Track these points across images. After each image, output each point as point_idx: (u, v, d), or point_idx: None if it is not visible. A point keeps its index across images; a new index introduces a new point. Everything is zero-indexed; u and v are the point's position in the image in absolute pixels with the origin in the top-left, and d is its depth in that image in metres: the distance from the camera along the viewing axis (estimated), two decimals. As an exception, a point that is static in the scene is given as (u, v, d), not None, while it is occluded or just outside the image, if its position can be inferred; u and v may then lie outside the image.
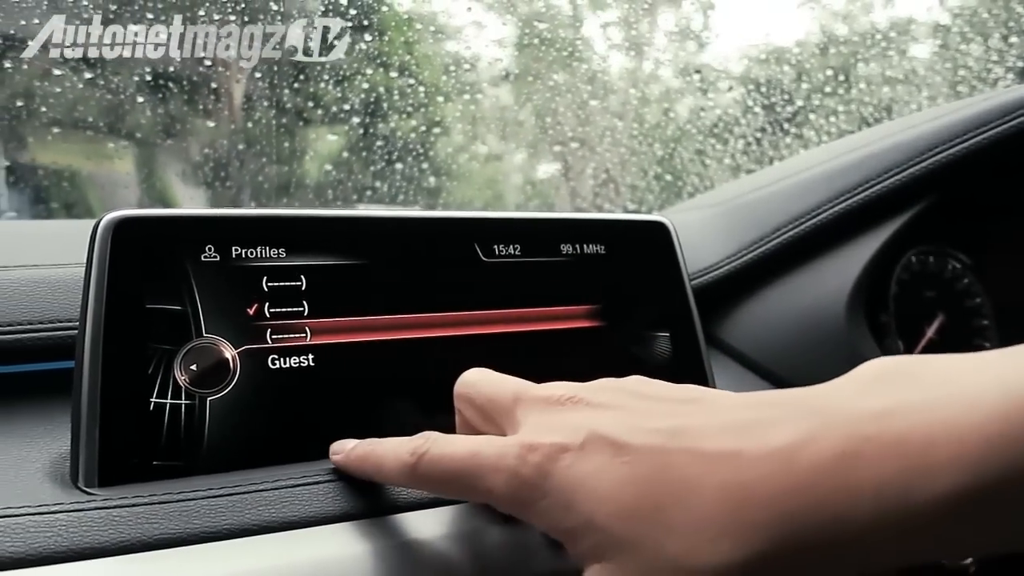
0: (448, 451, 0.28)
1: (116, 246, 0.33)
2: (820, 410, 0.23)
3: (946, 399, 0.21)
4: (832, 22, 1.53)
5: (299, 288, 0.36)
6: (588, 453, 0.25)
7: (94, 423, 0.31)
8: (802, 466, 0.22)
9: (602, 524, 0.24)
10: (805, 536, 0.21)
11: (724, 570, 0.22)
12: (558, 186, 1.39)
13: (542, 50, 1.38)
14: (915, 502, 0.20)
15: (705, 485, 0.23)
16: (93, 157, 1.23)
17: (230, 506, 0.31)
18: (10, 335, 0.37)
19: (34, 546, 0.28)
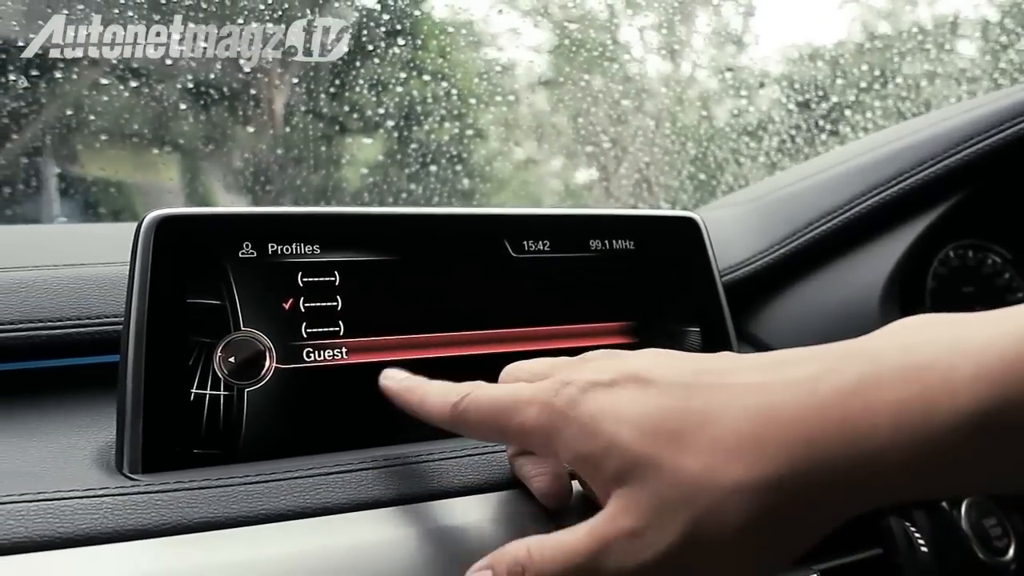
0: (490, 392, 0.29)
1: (159, 243, 0.35)
2: (846, 350, 0.24)
3: (967, 336, 0.21)
4: (875, 20, 1.51)
5: (333, 283, 0.37)
6: (617, 387, 0.26)
7: (138, 413, 0.33)
8: (824, 391, 0.22)
9: (625, 446, 0.24)
10: (824, 459, 0.22)
11: (740, 488, 0.22)
12: (591, 187, 1.39)
13: (578, 53, 1.38)
14: (934, 423, 0.21)
15: (728, 408, 0.24)
16: (139, 165, 1.27)
17: (266, 492, 0.32)
18: (59, 330, 0.38)
19: (82, 527, 0.29)
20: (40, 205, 1.19)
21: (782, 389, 0.23)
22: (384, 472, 0.34)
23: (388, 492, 0.33)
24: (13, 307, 0.38)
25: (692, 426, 0.24)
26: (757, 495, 0.22)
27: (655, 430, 0.24)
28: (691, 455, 0.23)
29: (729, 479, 0.23)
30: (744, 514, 0.22)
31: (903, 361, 0.22)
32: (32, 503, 0.29)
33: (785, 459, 0.22)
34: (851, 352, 0.23)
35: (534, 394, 0.27)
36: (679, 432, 0.24)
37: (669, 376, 0.25)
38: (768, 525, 0.23)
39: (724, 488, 0.23)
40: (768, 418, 0.23)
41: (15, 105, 1.03)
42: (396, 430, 0.37)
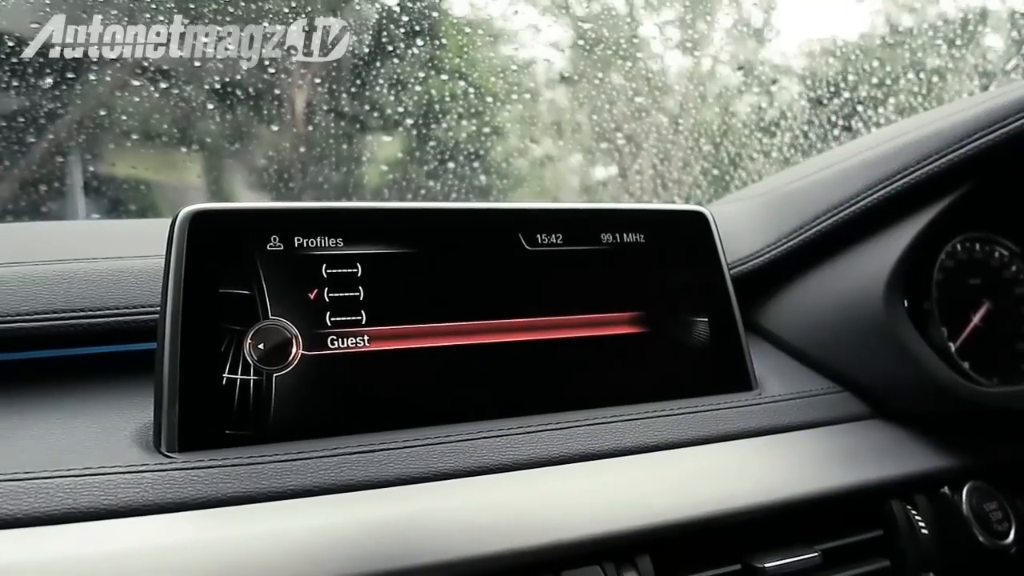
0: None
1: (192, 237, 0.37)
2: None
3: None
4: (897, 13, 1.50)
5: (355, 274, 0.39)
6: None
7: (174, 396, 0.35)
8: None
9: None
10: None
11: None
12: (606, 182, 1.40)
13: (594, 51, 1.39)
14: None
15: None
16: (165, 164, 1.29)
17: (293, 470, 0.34)
18: (99, 319, 0.41)
19: (124, 500, 0.31)
20: (68, 203, 1.22)
21: None
22: (403, 452, 0.36)
23: (407, 470, 0.35)
24: (57, 297, 0.40)
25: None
26: None
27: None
28: None
29: None
30: None
31: None
32: (80, 477, 0.32)
33: None
34: None
35: None
36: None
37: None
38: None
39: None
40: None
41: (45, 105, 1.05)
42: (414, 413, 0.39)
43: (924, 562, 0.42)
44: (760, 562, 0.38)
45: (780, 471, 0.42)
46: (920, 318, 0.51)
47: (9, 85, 0.98)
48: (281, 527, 0.32)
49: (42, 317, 0.40)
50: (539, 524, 0.34)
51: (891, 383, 0.48)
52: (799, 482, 0.41)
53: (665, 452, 0.41)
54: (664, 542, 0.36)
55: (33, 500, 0.30)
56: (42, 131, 1.09)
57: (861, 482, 0.42)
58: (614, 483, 0.38)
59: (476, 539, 0.33)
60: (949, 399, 0.46)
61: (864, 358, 0.49)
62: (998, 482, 0.47)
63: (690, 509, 0.37)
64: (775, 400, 0.47)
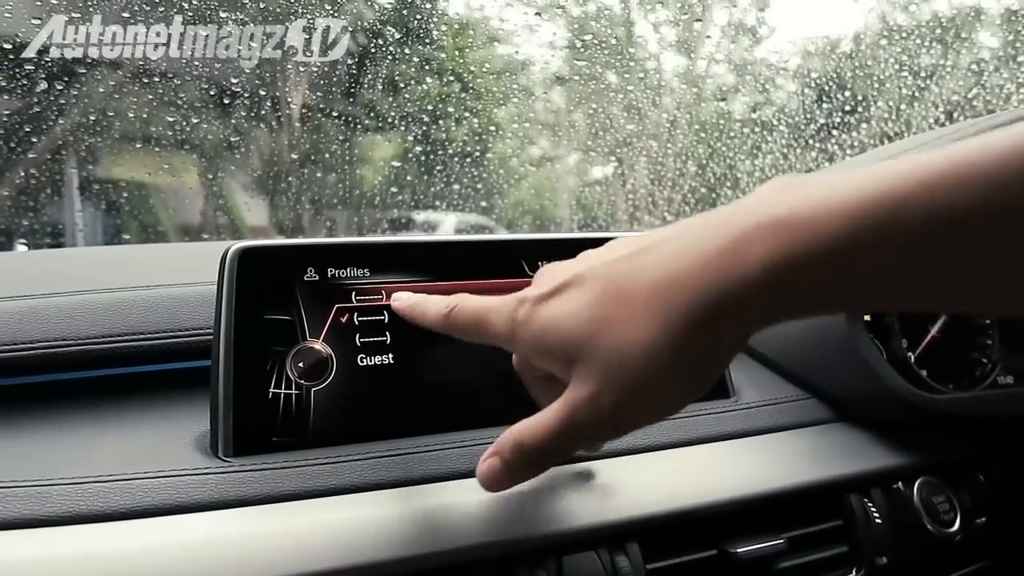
0: (471, 304, 0.38)
1: (241, 270, 0.42)
2: (723, 216, 0.30)
3: (819, 196, 0.27)
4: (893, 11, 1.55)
5: (381, 300, 0.45)
6: (559, 293, 0.34)
7: (228, 408, 0.41)
8: (707, 254, 0.29)
9: (570, 335, 0.32)
10: (714, 305, 0.29)
11: (656, 343, 0.30)
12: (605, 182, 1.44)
13: (590, 51, 1.42)
14: (795, 262, 0.27)
15: (640, 284, 0.31)
16: (160, 170, 1.33)
17: (333, 471, 0.40)
18: (155, 341, 0.47)
19: (193, 497, 0.37)
20: (63, 207, 1.26)
21: (677, 257, 0.30)
22: (426, 455, 0.42)
23: (430, 471, 0.41)
24: (118, 322, 0.46)
25: (614, 306, 0.31)
26: (670, 345, 0.29)
27: (589, 317, 0.32)
28: (617, 327, 0.31)
29: (646, 339, 0.30)
30: (665, 361, 0.30)
31: (767, 218, 0.28)
32: (155, 479, 0.38)
33: (685, 313, 0.29)
34: (726, 218, 0.30)
35: (501, 307, 0.36)
36: (606, 314, 0.31)
37: (596, 271, 0.33)
38: (685, 363, 0.30)
39: (645, 346, 0.30)
40: (667, 284, 0.30)
41: (41, 108, 1.07)
42: (439, 421, 0.45)
43: (878, 548, 0.48)
44: (733, 547, 0.43)
45: (753, 469, 0.48)
46: (883, 331, 0.57)
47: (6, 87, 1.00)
48: (325, 520, 0.37)
49: (107, 340, 0.45)
50: (543, 515, 0.40)
51: (853, 391, 0.54)
52: (769, 479, 0.47)
53: (652, 453, 0.47)
54: (651, 531, 0.42)
55: (119, 498, 0.36)
56: (38, 134, 1.11)
57: (824, 478, 0.48)
58: (607, 480, 0.43)
59: (491, 528, 0.39)
60: (903, 406, 0.52)
61: (829, 369, 0.55)
62: (946, 477, 0.53)
63: (674, 502, 0.43)
64: (750, 406, 0.53)
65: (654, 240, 0.32)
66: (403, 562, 0.36)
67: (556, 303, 0.33)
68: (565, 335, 0.32)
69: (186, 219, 1.45)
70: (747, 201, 0.30)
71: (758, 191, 0.30)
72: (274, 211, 1.51)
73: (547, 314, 0.33)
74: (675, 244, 0.31)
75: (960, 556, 0.52)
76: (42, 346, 0.44)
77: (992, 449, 0.56)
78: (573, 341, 0.32)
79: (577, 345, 0.32)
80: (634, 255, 0.32)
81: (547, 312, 0.34)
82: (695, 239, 0.30)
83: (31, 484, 0.36)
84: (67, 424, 0.43)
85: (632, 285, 0.31)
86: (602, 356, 0.31)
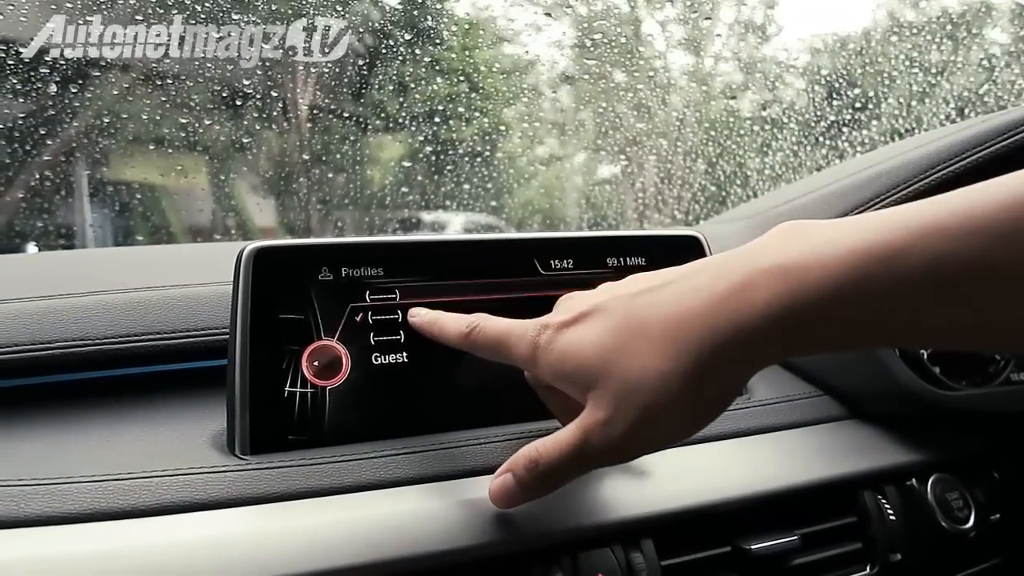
0: (494, 325, 0.39)
1: (256, 270, 0.43)
2: (733, 259, 0.32)
3: (821, 242, 0.29)
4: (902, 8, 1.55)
5: (394, 300, 0.45)
6: (579, 321, 0.35)
7: (245, 407, 0.41)
8: (719, 294, 0.31)
9: (588, 363, 0.34)
10: (722, 342, 0.30)
11: (667, 376, 0.31)
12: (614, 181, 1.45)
13: (597, 50, 1.42)
14: (797, 307, 0.29)
15: (655, 318, 0.32)
16: (171, 172, 1.34)
17: (348, 470, 0.40)
18: (171, 340, 0.47)
19: (211, 495, 0.38)
20: (75, 209, 1.27)
21: (690, 294, 0.32)
22: (441, 453, 0.42)
23: (445, 468, 0.41)
24: (135, 322, 0.47)
25: (630, 337, 0.33)
26: (680, 378, 0.31)
27: (606, 346, 0.34)
28: (632, 359, 0.32)
29: (659, 370, 0.32)
30: (675, 391, 0.31)
31: (772, 267, 0.30)
32: (171, 477, 0.38)
33: (696, 348, 0.31)
34: (735, 261, 0.31)
35: (523, 332, 0.37)
36: (623, 344, 0.33)
37: (614, 303, 0.35)
38: (694, 395, 0.32)
39: (657, 376, 0.32)
40: (681, 320, 0.32)
41: (50, 110, 1.07)
42: (453, 419, 0.45)
43: (892, 545, 0.48)
44: (747, 544, 0.44)
45: (766, 466, 0.48)
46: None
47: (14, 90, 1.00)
48: (341, 517, 0.38)
49: (124, 339, 0.46)
50: (559, 513, 0.40)
51: (866, 388, 0.54)
52: (783, 476, 0.47)
53: (666, 450, 0.47)
54: (665, 528, 0.42)
55: (138, 495, 0.36)
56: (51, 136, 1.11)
57: (838, 475, 0.48)
58: (621, 477, 0.43)
59: (507, 525, 0.39)
60: (917, 403, 0.52)
61: (842, 366, 0.55)
62: (960, 474, 0.53)
63: (688, 499, 0.43)
64: (763, 404, 0.53)
65: (671, 277, 0.34)
66: (418, 559, 0.36)
67: (576, 331, 0.35)
68: (583, 362, 0.34)
69: (197, 220, 1.46)
70: (757, 245, 0.32)
71: (768, 235, 0.32)
72: (284, 212, 1.51)
73: (567, 341, 0.35)
74: (690, 282, 0.33)
75: (974, 553, 0.52)
76: (61, 346, 0.45)
77: (1006, 446, 0.56)
78: (590, 368, 0.34)
79: (594, 372, 0.34)
80: (652, 290, 0.34)
81: (567, 339, 0.35)
82: (708, 279, 0.32)
83: (51, 482, 0.37)
84: (86, 423, 0.44)
85: (648, 319, 0.33)
86: (617, 384, 0.33)
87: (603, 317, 0.34)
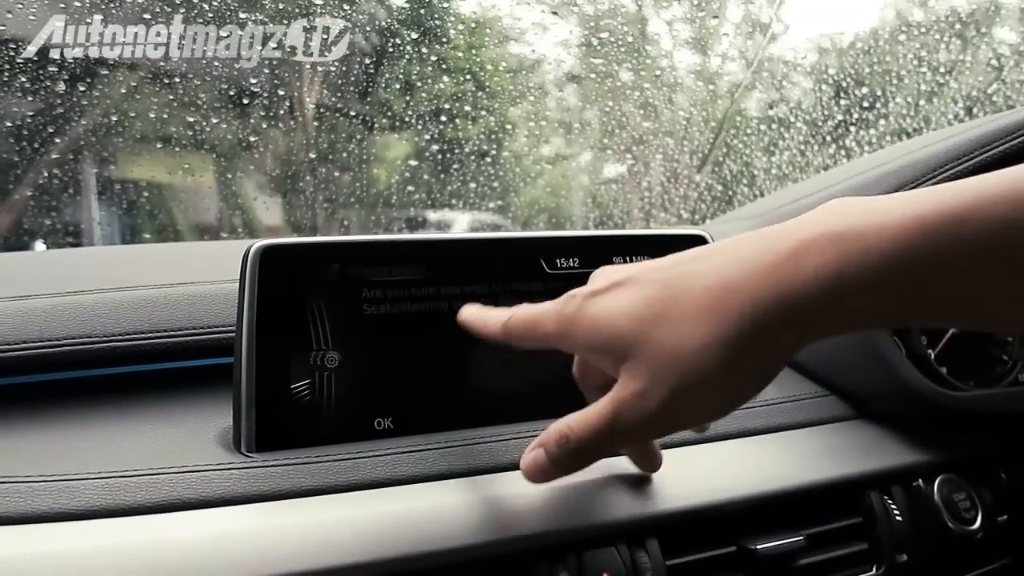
0: (524, 311, 0.38)
1: (263, 267, 0.43)
2: (782, 230, 0.31)
3: (874, 213, 0.28)
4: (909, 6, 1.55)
5: (401, 297, 0.45)
6: (610, 291, 0.34)
7: (251, 405, 0.41)
8: (765, 264, 0.30)
9: (621, 333, 0.32)
10: (764, 312, 0.29)
11: (706, 346, 0.30)
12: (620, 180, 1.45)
13: (606, 50, 1.41)
14: (849, 275, 0.28)
15: (694, 288, 0.31)
16: (178, 170, 1.34)
17: (354, 467, 0.40)
18: (178, 338, 0.47)
19: (217, 492, 0.38)
20: (82, 207, 1.28)
21: (734, 265, 0.31)
22: (445, 451, 0.42)
23: (450, 467, 0.41)
24: (142, 320, 0.47)
25: (668, 306, 0.32)
26: (720, 348, 0.30)
27: (640, 315, 0.32)
28: (669, 328, 0.31)
29: (698, 340, 0.30)
30: (714, 363, 0.30)
31: (823, 233, 0.29)
32: (179, 474, 0.38)
33: (737, 318, 0.30)
34: (782, 232, 0.30)
35: (551, 308, 0.36)
36: (659, 313, 0.32)
37: (649, 274, 0.34)
38: (733, 367, 0.30)
39: (695, 347, 0.30)
40: (722, 290, 0.30)
41: (58, 110, 1.07)
42: (460, 417, 0.45)
43: (899, 546, 0.48)
44: (752, 544, 0.43)
45: (772, 466, 0.48)
46: (902, 329, 0.56)
47: (23, 88, 1.00)
48: (347, 515, 0.38)
49: (132, 337, 0.46)
50: (563, 511, 0.40)
51: (872, 388, 0.54)
52: (789, 476, 0.47)
53: (671, 449, 0.47)
54: (670, 527, 0.42)
55: (144, 492, 0.37)
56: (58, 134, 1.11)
57: (843, 476, 0.48)
58: (627, 476, 0.43)
59: (510, 524, 0.39)
60: (923, 403, 0.52)
61: (849, 366, 0.55)
62: (967, 475, 0.53)
63: (693, 499, 0.43)
64: (769, 403, 0.53)
65: (711, 250, 0.33)
66: (423, 557, 0.37)
67: (608, 298, 0.34)
68: (616, 331, 0.33)
69: (203, 219, 1.46)
70: (804, 217, 0.31)
71: (815, 210, 0.31)
72: (291, 210, 1.52)
73: (598, 309, 0.34)
74: (732, 253, 0.31)
75: (981, 554, 0.52)
76: (69, 343, 0.45)
77: (1013, 447, 0.56)
78: (624, 337, 0.32)
79: (627, 342, 0.32)
80: (691, 260, 0.33)
81: (598, 307, 0.34)
82: (753, 250, 0.31)
83: (58, 479, 0.37)
84: (92, 420, 0.44)
85: (687, 288, 0.31)
86: (652, 354, 0.31)
87: (639, 286, 0.33)
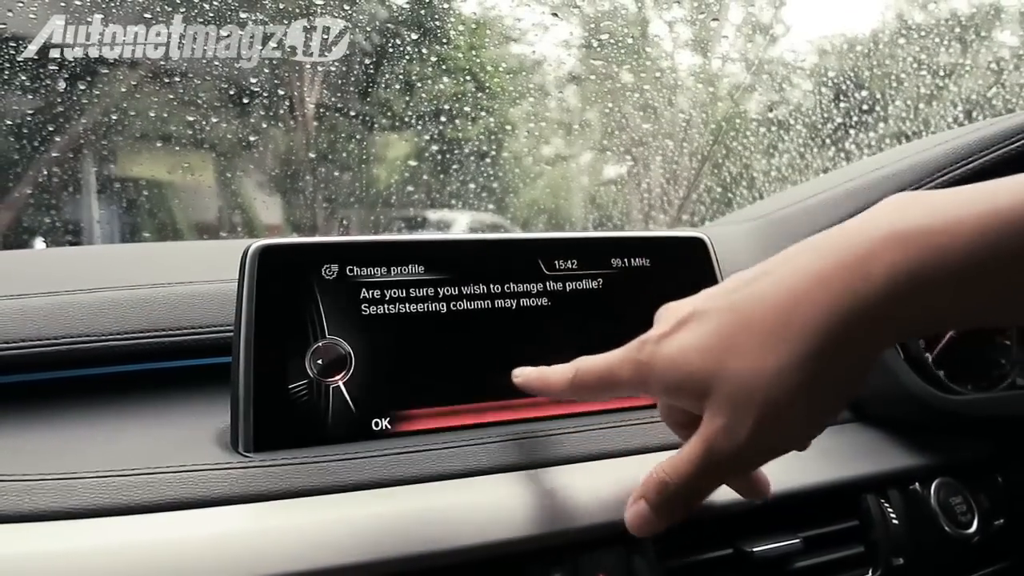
0: (593, 363, 0.37)
1: (261, 268, 0.43)
2: (842, 235, 0.29)
3: (943, 210, 0.27)
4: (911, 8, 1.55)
5: (399, 297, 0.45)
6: (678, 330, 0.33)
7: (249, 404, 0.41)
8: (827, 273, 0.29)
9: (695, 369, 0.32)
10: (838, 324, 0.28)
11: (781, 370, 0.29)
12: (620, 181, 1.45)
13: (607, 51, 1.42)
14: (923, 277, 0.27)
15: (758, 309, 0.30)
16: (178, 169, 1.34)
17: (352, 467, 0.40)
18: (177, 337, 0.47)
19: (215, 492, 0.38)
20: (81, 206, 1.28)
21: (794, 279, 0.30)
22: (443, 452, 0.42)
23: (448, 468, 0.42)
24: (141, 319, 0.47)
25: (737, 334, 0.31)
26: (795, 373, 0.29)
27: (712, 349, 0.31)
28: (743, 358, 0.30)
29: (773, 366, 0.29)
30: (793, 387, 0.29)
31: (892, 234, 0.27)
32: (175, 473, 0.38)
33: (809, 335, 0.29)
34: (842, 236, 0.29)
35: (624, 356, 0.35)
36: (730, 344, 0.31)
37: (714, 302, 0.33)
38: (813, 388, 0.29)
39: (772, 374, 0.29)
40: (789, 307, 0.29)
41: (59, 108, 1.07)
42: (452, 419, 0.45)
43: (895, 549, 0.48)
44: (749, 547, 0.43)
45: (768, 469, 0.47)
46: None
47: (23, 86, 1.00)
48: (345, 515, 0.38)
49: (130, 336, 0.46)
50: (558, 514, 0.40)
51: (869, 391, 0.54)
52: (785, 478, 0.46)
53: (668, 452, 0.47)
54: (667, 529, 0.42)
55: (142, 491, 0.37)
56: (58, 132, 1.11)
57: (840, 478, 0.48)
58: (623, 478, 0.43)
59: (505, 526, 0.39)
60: (921, 406, 0.52)
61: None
62: (963, 478, 0.53)
63: (689, 501, 0.43)
64: (766, 406, 0.53)
65: (768, 267, 0.32)
66: (420, 558, 0.37)
67: (679, 338, 0.33)
68: (692, 369, 0.32)
69: (203, 218, 1.47)
70: (865, 217, 0.30)
71: (876, 207, 0.30)
72: (290, 210, 1.52)
73: (671, 350, 0.33)
74: (790, 266, 0.31)
75: (978, 558, 0.52)
76: (68, 342, 0.45)
77: (1010, 450, 0.56)
78: (700, 374, 0.32)
79: (704, 378, 0.32)
80: (750, 282, 0.32)
81: (670, 348, 0.33)
82: (812, 259, 0.30)
83: (56, 477, 0.37)
84: (91, 419, 0.44)
85: (752, 312, 0.31)
86: (731, 387, 0.31)
87: (704, 320, 0.32)
